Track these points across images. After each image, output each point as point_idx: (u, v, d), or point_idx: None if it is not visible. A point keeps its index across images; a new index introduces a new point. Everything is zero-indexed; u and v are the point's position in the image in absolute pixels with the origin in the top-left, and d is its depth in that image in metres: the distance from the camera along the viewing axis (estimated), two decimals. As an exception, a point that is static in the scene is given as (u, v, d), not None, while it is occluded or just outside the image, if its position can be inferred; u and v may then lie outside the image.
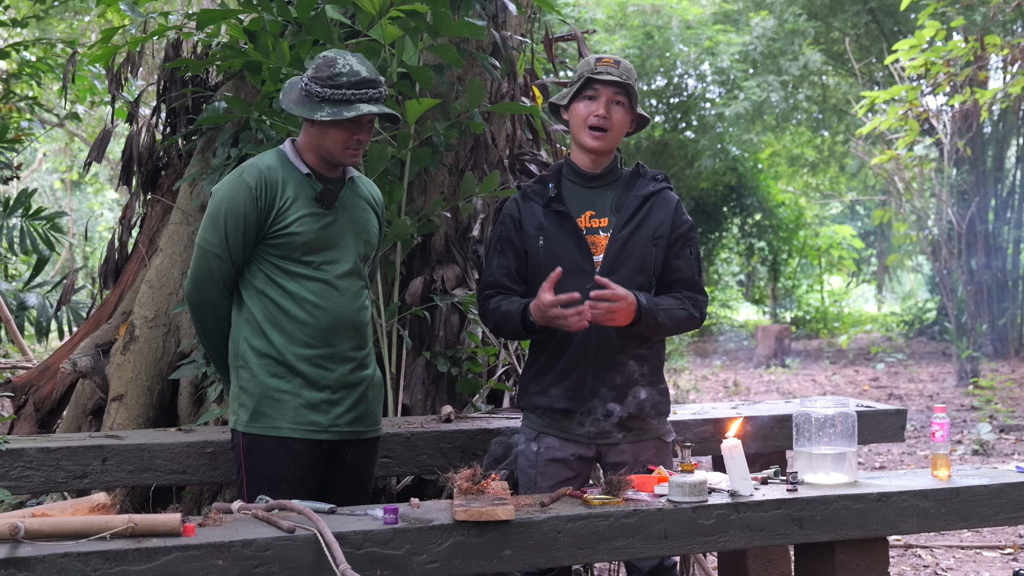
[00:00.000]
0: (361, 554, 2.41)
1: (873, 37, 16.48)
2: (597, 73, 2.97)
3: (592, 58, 3.03)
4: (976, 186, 13.76)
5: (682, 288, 3.03)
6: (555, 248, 2.97)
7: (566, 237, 2.97)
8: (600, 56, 3.02)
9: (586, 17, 15.67)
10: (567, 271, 2.91)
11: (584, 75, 2.99)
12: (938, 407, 3.09)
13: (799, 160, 20.11)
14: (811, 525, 2.79)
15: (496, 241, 3.08)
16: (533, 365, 3.06)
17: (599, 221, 3.01)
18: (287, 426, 2.88)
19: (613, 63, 3.00)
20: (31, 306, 6.34)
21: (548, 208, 3.00)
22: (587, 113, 2.98)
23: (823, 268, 22.10)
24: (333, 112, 2.83)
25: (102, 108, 10.24)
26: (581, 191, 3.04)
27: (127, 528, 2.29)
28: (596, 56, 3.03)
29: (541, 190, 3.04)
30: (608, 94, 2.98)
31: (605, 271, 2.93)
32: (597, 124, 2.97)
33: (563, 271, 2.88)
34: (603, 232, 2.99)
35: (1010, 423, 8.82)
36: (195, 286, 2.94)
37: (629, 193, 3.03)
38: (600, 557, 2.65)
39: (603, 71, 2.97)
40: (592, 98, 2.98)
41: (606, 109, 2.97)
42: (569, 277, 2.90)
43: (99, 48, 4.36)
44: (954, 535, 5.31)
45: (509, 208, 3.08)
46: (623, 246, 2.97)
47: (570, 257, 2.95)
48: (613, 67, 2.98)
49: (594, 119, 2.97)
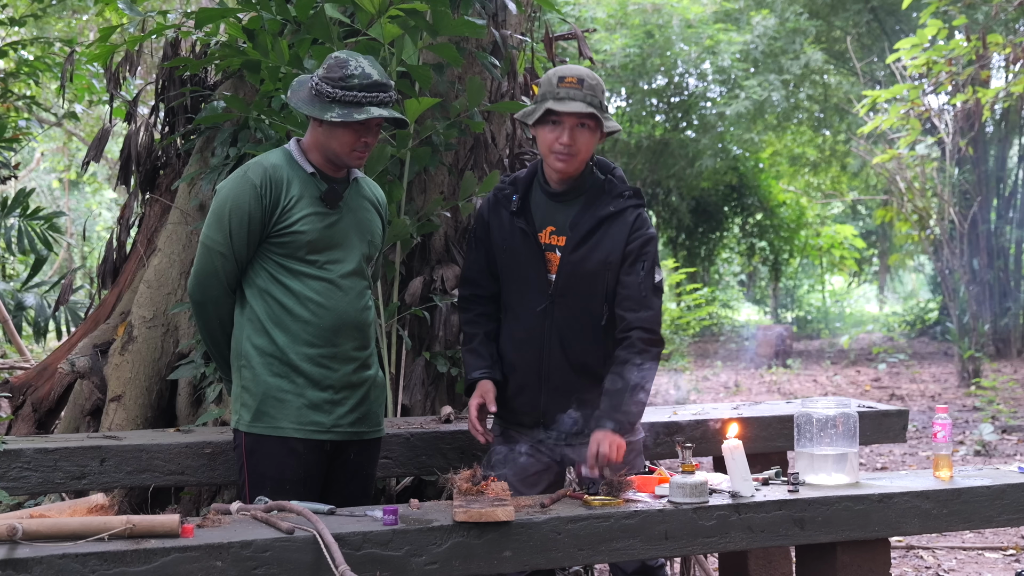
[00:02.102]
0: (360, 555, 2.40)
1: (875, 36, 16.47)
2: (560, 99, 2.85)
3: (554, 76, 2.90)
4: (978, 185, 13.74)
5: (629, 307, 2.92)
6: (515, 261, 3.00)
7: (527, 252, 2.98)
8: (563, 75, 2.89)
9: (586, 16, 15.66)
10: (525, 284, 2.97)
11: (548, 100, 2.87)
12: (940, 408, 3.09)
13: (800, 159, 20.10)
14: (812, 526, 2.78)
15: (472, 238, 3.12)
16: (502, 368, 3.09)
17: (557, 239, 2.98)
18: (290, 426, 2.87)
19: (576, 83, 2.87)
20: (29, 306, 6.33)
21: (513, 218, 2.99)
22: (552, 139, 2.90)
23: (824, 268, 22.09)
24: (343, 113, 2.82)
25: (100, 107, 10.25)
26: (546, 203, 3.01)
27: (125, 529, 2.29)
28: (558, 74, 2.90)
29: (508, 199, 3.02)
30: (572, 121, 2.88)
31: (557, 292, 2.95)
32: (560, 152, 2.90)
33: (522, 285, 2.96)
34: (559, 251, 2.97)
35: (1012, 424, 8.80)
36: (198, 284, 2.93)
37: (586, 212, 2.97)
38: (600, 558, 2.64)
39: (565, 95, 2.85)
40: (556, 123, 2.89)
41: (570, 136, 2.88)
42: (527, 291, 2.97)
43: (97, 47, 4.35)
44: (956, 536, 5.29)
45: (482, 209, 3.11)
46: (573, 270, 2.94)
47: (527, 273, 2.98)
48: (576, 88, 2.86)
49: (559, 146, 2.89)
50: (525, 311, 2.99)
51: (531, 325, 2.98)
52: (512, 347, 3.02)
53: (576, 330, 2.97)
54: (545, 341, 2.96)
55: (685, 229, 20.15)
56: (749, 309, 23.82)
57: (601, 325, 2.98)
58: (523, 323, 3.00)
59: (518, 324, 3.02)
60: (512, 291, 3.02)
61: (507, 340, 3.05)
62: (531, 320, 2.97)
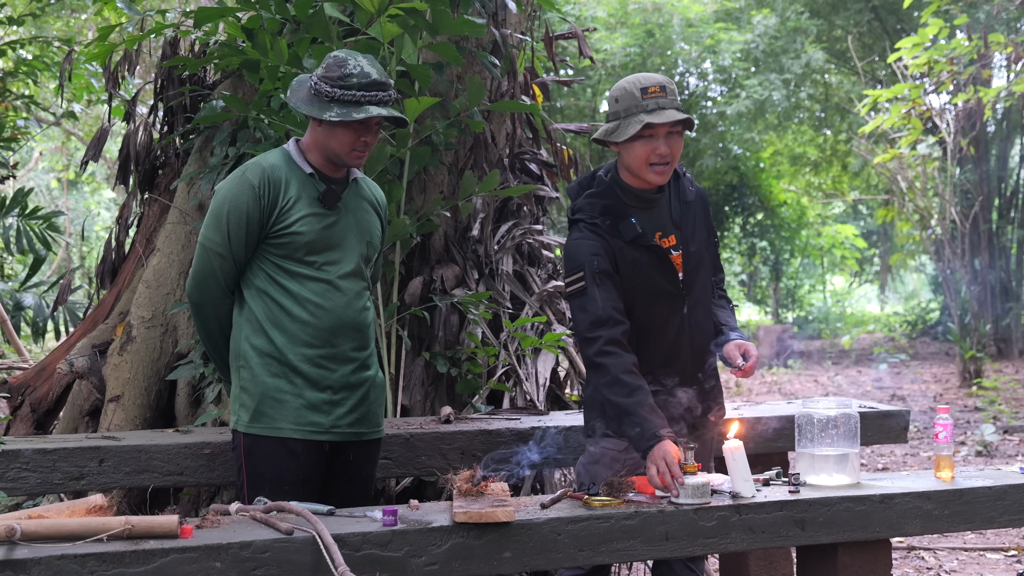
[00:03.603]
0: (360, 556, 2.39)
1: (876, 35, 16.46)
2: (650, 112, 2.80)
3: (635, 89, 2.83)
4: (979, 185, 13.72)
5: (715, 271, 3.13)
6: (652, 281, 2.92)
7: (655, 267, 2.93)
8: (644, 86, 2.83)
9: (587, 15, 15.66)
10: (661, 297, 2.93)
11: (638, 114, 2.81)
12: (941, 408, 3.08)
13: (801, 159, 20.09)
14: (813, 527, 2.77)
15: (596, 273, 2.87)
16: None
17: (667, 240, 2.96)
18: (288, 427, 2.86)
19: (660, 91, 2.82)
20: (27, 306, 6.33)
21: (635, 243, 2.90)
22: (648, 151, 2.84)
23: (825, 268, 22.09)
24: (342, 113, 2.81)
25: (99, 107, 10.25)
26: (644, 214, 2.95)
27: (124, 530, 2.29)
28: (639, 85, 2.83)
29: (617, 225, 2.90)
30: (665, 130, 2.84)
31: (687, 289, 2.96)
32: (658, 164, 2.87)
33: (658, 301, 2.93)
34: (674, 251, 2.96)
35: (1014, 424, 8.79)
36: (197, 285, 2.92)
37: (679, 202, 3.00)
38: (601, 559, 2.63)
39: (656, 106, 2.80)
40: (649, 136, 2.83)
41: (667, 146, 2.85)
42: (663, 305, 2.94)
43: (96, 46, 4.35)
44: (957, 537, 5.29)
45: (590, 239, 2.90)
46: (697, 260, 2.99)
47: (662, 286, 2.94)
48: (662, 96, 2.81)
49: (656, 157, 2.85)
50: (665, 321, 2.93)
51: (675, 331, 2.94)
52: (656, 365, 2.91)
53: (704, 316, 3.02)
54: (687, 341, 2.95)
55: (686, 229, 20.10)
56: (750, 309, 23.81)
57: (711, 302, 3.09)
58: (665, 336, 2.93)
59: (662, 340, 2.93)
60: (652, 311, 2.92)
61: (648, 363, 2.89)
62: (675, 326, 2.93)
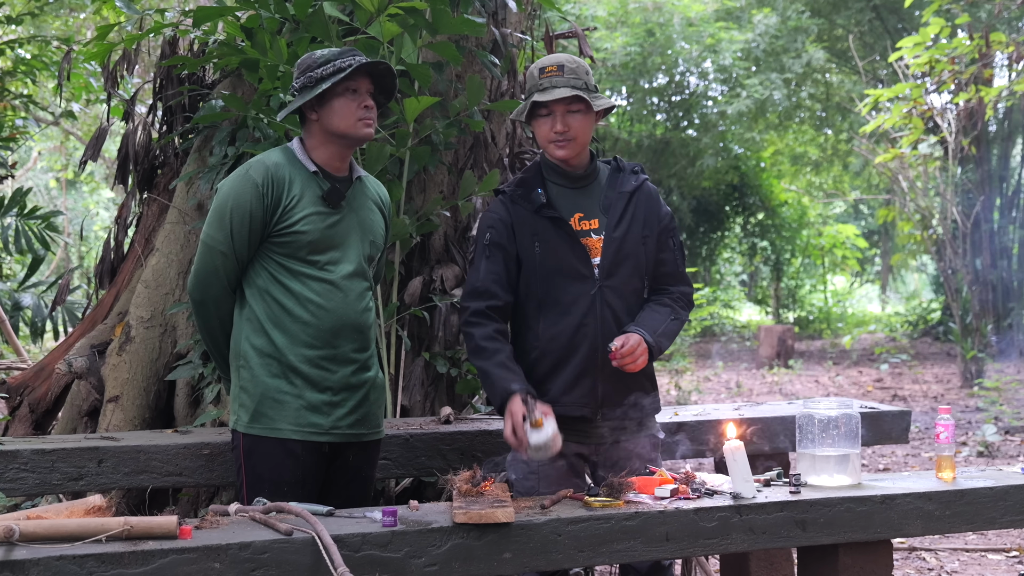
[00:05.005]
0: (359, 557, 2.38)
1: (877, 34, 16.45)
2: (543, 89, 2.91)
3: (535, 69, 2.97)
4: (981, 185, 13.71)
5: (669, 282, 3.07)
6: (553, 255, 2.95)
7: (562, 243, 2.95)
8: (543, 66, 2.95)
9: (587, 14, 15.66)
10: (566, 277, 2.94)
11: (532, 92, 2.94)
12: (943, 408, 3.07)
13: (802, 159, 20.10)
14: (814, 528, 2.76)
15: (486, 245, 2.98)
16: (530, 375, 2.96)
17: (589, 223, 2.99)
18: (288, 427, 2.85)
19: (556, 70, 2.92)
20: (26, 306, 6.33)
21: (539, 214, 2.96)
22: (547, 129, 2.95)
23: (826, 268, 22.07)
24: (331, 77, 2.84)
25: (98, 106, 10.25)
26: (567, 192, 3.01)
27: (123, 531, 2.28)
28: (539, 67, 2.97)
29: (528, 195, 2.98)
30: (561, 108, 2.93)
31: (604, 275, 2.95)
32: (557, 140, 2.95)
33: (564, 277, 2.93)
34: (595, 235, 2.98)
35: (1015, 424, 8.78)
36: (199, 283, 2.91)
37: (614, 191, 3.02)
38: (601, 560, 2.62)
39: (548, 84, 2.91)
40: (547, 114, 2.94)
41: (563, 123, 2.93)
42: (571, 282, 2.94)
43: (95, 45, 4.34)
44: (959, 538, 5.28)
45: (497, 212, 3.02)
46: (619, 248, 2.97)
47: (568, 263, 2.94)
48: (557, 75, 2.92)
49: (553, 134, 2.94)
50: (572, 302, 2.95)
51: (582, 314, 2.94)
52: (562, 342, 2.95)
53: (624, 311, 2.99)
54: (598, 328, 2.94)
55: (686, 229, 20.14)
56: (751, 309, 23.80)
57: (644, 300, 3.05)
58: (573, 315, 2.95)
59: (567, 317, 2.95)
60: (555, 286, 2.96)
61: (552, 338, 2.96)
62: (581, 309, 2.94)
